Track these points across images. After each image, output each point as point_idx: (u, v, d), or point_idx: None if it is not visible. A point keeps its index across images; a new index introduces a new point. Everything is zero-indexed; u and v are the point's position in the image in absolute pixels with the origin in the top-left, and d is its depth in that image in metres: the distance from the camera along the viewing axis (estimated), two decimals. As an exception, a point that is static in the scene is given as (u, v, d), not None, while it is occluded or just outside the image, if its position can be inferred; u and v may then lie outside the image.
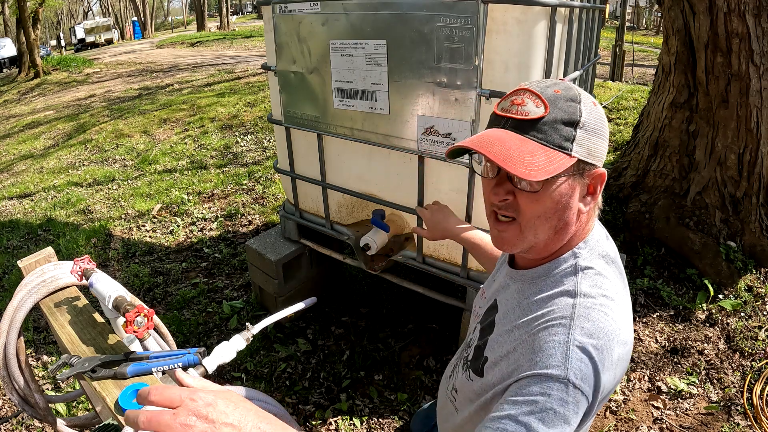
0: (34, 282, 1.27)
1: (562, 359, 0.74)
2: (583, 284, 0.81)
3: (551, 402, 0.72)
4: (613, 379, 0.80)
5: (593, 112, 0.77)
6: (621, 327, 0.80)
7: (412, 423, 1.51)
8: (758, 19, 2.70)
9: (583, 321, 0.77)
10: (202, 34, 23.93)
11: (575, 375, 0.73)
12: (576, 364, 0.74)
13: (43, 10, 16.21)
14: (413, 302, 2.79)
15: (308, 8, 1.92)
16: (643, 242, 3.14)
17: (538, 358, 0.76)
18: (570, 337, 0.75)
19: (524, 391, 0.74)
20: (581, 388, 0.73)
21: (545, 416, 0.71)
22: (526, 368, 0.76)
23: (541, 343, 0.77)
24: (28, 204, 5.05)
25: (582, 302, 0.79)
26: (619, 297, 0.83)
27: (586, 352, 0.75)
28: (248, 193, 4.52)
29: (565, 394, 0.72)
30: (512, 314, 0.86)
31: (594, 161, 0.78)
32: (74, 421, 1.60)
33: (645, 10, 21.19)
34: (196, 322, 2.81)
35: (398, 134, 1.87)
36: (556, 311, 0.79)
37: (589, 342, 0.75)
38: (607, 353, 0.76)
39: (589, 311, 0.78)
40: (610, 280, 0.83)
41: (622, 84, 6.75)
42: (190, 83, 9.78)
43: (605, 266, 0.84)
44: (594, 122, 0.77)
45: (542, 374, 0.74)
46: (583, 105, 0.76)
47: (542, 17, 1.55)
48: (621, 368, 0.82)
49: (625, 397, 2.20)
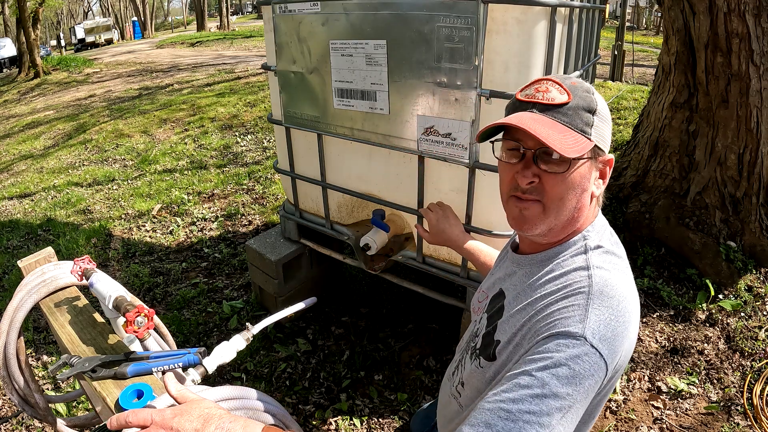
0: (34, 282, 1.27)
1: (580, 319, 0.75)
2: (595, 260, 0.83)
3: (566, 358, 0.71)
4: (628, 351, 0.81)
5: (604, 104, 0.85)
6: (633, 300, 0.83)
7: (412, 423, 1.51)
8: (758, 19, 2.70)
9: (602, 287, 0.79)
10: (202, 34, 23.93)
11: (593, 334, 0.73)
12: (594, 324, 0.74)
13: (43, 10, 16.21)
14: (413, 302, 2.79)
15: (308, 8, 1.92)
16: (643, 242, 3.14)
17: (556, 321, 0.76)
18: (589, 301, 0.77)
19: (540, 348, 0.74)
20: (599, 348, 0.72)
21: (559, 371, 0.71)
22: (544, 332, 0.76)
23: (560, 308, 0.78)
24: (28, 204, 5.05)
25: (597, 273, 0.81)
26: (628, 274, 0.87)
27: (605, 315, 0.75)
28: (248, 193, 4.52)
29: (582, 351, 0.72)
30: (523, 295, 0.87)
31: (604, 147, 0.85)
32: (74, 421, 1.60)
33: (645, 10, 21.18)
34: (196, 322, 2.81)
35: (398, 134, 1.87)
36: (574, 284, 0.80)
37: (608, 305, 0.77)
38: (625, 321, 0.78)
39: (607, 281, 0.80)
40: (619, 258, 0.87)
41: (622, 84, 6.75)
42: (190, 83, 9.78)
43: (613, 246, 0.88)
44: (605, 112, 0.85)
45: (560, 332, 0.74)
46: (596, 96, 0.84)
47: (542, 17, 1.55)
48: (632, 342, 0.83)
49: (625, 397, 2.20)
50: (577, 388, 0.70)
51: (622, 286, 0.81)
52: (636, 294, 0.86)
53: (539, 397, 0.69)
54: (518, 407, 0.69)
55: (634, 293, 0.84)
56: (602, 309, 0.76)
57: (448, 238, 1.31)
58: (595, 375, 0.72)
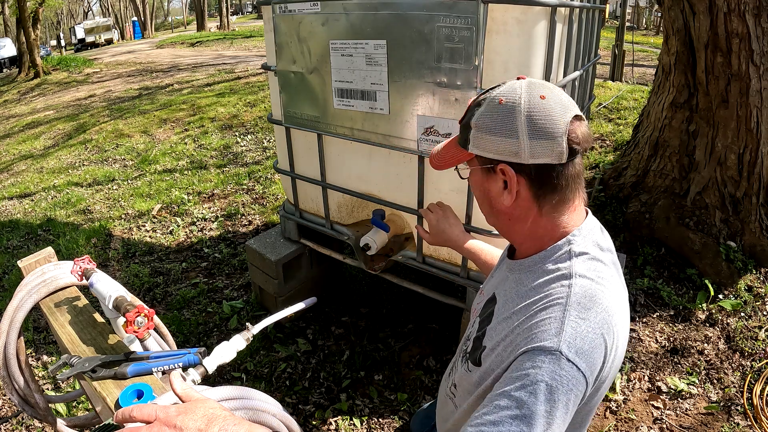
0: (34, 282, 1.27)
1: (556, 332, 0.74)
2: (578, 267, 0.82)
3: (542, 374, 0.71)
4: (614, 361, 0.80)
5: (493, 114, 0.82)
6: (618, 310, 0.81)
7: (412, 423, 1.51)
8: (758, 19, 2.70)
9: (580, 298, 0.78)
10: (202, 34, 23.93)
11: (568, 347, 0.72)
12: (570, 337, 0.73)
13: (43, 10, 16.21)
14: (413, 302, 2.79)
15: (308, 8, 1.92)
16: (643, 242, 3.14)
17: (533, 335, 0.76)
18: (566, 313, 0.76)
19: (519, 366, 0.74)
20: (575, 362, 0.72)
21: (536, 389, 0.71)
22: (522, 346, 0.76)
23: (537, 321, 0.78)
24: (28, 204, 5.05)
25: (578, 282, 0.80)
26: (614, 282, 0.84)
27: (582, 328, 0.75)
28: (248, 193, 4.52)
29: (558, 366, 0.72)
30: (510, 303, 0.87)
31: (496, 156, 0.83)
32: (74, 421, 1.60)
33: (645, 10, 21.18)
34: (196, 322, 2.81)
35: (398, 134, 1.87)
36: (553, 294, 0.80)
37: (585, 317, 0.76)
38: (606, 332, 0.77)
39: (586, 290, 0.79)
40: (605, 265, 0.85)
41: (622, 84, 6.75)
42: (190, 83, 9.78)
43: (600, 252, 0.86)
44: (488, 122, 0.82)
45: (535, 347, 0.74)
46: (483, 107, 0.83)
47: (542, 17, 1.55)
48: (620, 353, 0.82)
49: (625, 397, 2.20)
50: (556, 405, 0.70)
51: (603, 295, 0.79)
52: (622, 302, 0.84)
53: (519, 418, 0.70)
54: (498, 429, 0.70)
55: (619, 301, 0.83)
56: (579, 321, 0.75)
57: (448, 238, 1.31)
58: (574, 389, 0.72)
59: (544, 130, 0.78)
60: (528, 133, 0.79)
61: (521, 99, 0.80)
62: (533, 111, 0.79)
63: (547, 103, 0.79)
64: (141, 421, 0.67)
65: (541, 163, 0.80)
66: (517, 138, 0.79)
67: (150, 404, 0.69)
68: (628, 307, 0.89)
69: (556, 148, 0.79)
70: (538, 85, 0.82)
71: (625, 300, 0.88)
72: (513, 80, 0.85)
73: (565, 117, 0.79)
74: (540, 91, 0.80)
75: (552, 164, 0.80)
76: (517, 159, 0.81)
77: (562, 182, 0.82)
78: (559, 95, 0.81)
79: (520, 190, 0.84)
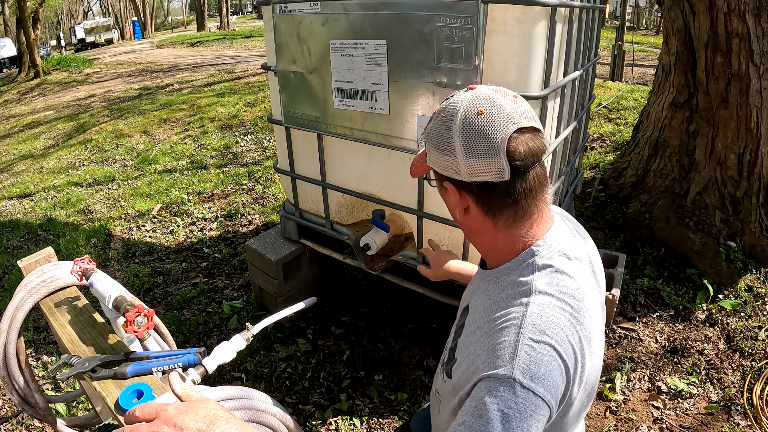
0: (34, 282, 1.27)
1: (509, 358, 0.73)
2: (539, 282, 0.80)
3: (498, 403, 0.70)
4: (582, 379, 0.78)
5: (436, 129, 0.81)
6: (583, 324, 0.79)
7: (412, 423, 1.51)
8: (758, 19, 2.70)
9: (536, 318, 0.76)
10: (202, 34, 23.93)
11: (523, 374, 0.71)
12: (524, 362, 0.72)
13: (43, 10, 16.21)
14: (413, 302, 2.79)
15: (308, 8, 1.92)
16: (643, 242, 3.14)
17: (490, 360, 0.75)
18: (519, 336, 0.74)
19: (477, 395, 0.73)
20: (532, 388, 0.71)
21: (492, 417, 0.70)
22: (481, 371, 0.75)
23: (494, 344, 0.76)
24: (28, 204, 5.05)
25: (536, 300, 0.78)
26: (580, 294, 0.81)
27: (536, 351, 0.73)
28: (248, 193, 4.52)
29: (513, 394, 0.70)
30: (477, 316, 0.86)
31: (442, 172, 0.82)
32: (74, 421, 1.60)
33: (645, 10, 21.17)
34: (196, 322, 2.81)
35: (398, 134, 1.87)
36: (510, 312, 0.78)
37: (540, 340, 0.74)
38: (565, 351, 0.74)
39: (544, 308, 0.77)
40: (570, 278, 0.82)
41: (622, 84, 6.75)
42: (190, 83, 9.78)
43: (566, 263, 0.83)
44: (433, 138, 0.82)
45: (491, 375, 0.73)
46: (432, 122, 0.83)
47: (542, 17, 1.55)
48: (591, 368, 0.80)
49: (625, 397, 2.20)
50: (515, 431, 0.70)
51: (561, 314, 0.77)
52: (590, 313, 0.81)
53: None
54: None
55: (585, 314, 0.80)
56: (533, 345, 0.73)
57: (448, 269, 1.32)
58: (534, 414, 0.70)
59: (478, 148, 0.75)
60: (464, 152, 0.76)
61: (458, 115, 0.77)
62: (468, 128, 0.76)
63: (483, 119, 0.75)
64: (142, 419, 0.67)
65: (481, 181, 0.77)
66: (455, 156, 0.77)
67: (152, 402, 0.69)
68: (600, 315, 0.86)
69: (495, 165, 0.75)
70: (482, 97, 0.78)
71: (597, 309, 0.85)
72: (461, 92, 0.82)
73: (505, 132, 0.74)
74: (480, 105, 0.76)
75: (494, 182, 0.77)
76: (458, 176, 0.79)
77: (510, 199, 0.78)
78: (502, 107, 0.76)
79: (469, 206, 0.82)
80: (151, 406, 0.68)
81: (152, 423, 0.66)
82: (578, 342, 0.77)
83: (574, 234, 0.91)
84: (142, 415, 0.67)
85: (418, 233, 2.06)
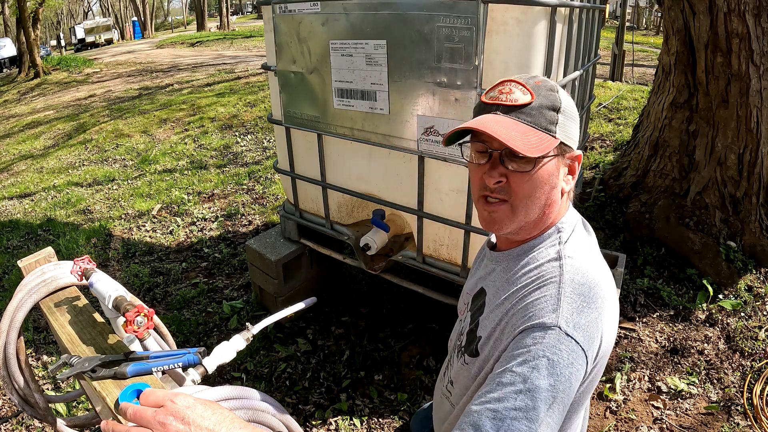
0: (34, 282, 1.26)
1: (552, 309, 0.76)
2: (568, 249, 0.85)
3: (543, 349, 0.72)
4: (609, 337, 0.82)
5: (569, 101, 0.85)
6: (609, 286, 0.84)
7: (412, 423, 1.51)
8: (758, 19, 2.70)
9: (573, 274, 0.80)
10: (202, 34, 23.93)
11: (566, 322, 0.74)
12: (567, 312, 0.75)
13: (43, 10, 16.21)
14: (413, 302, 2.79)
15: (308, 8, 1.92)
16: (643, 242, 3.14)
17: (530, 314, 0.77)
18: (561, 290, 0.78)
19: (518, 344, 0.75)
20: (574, 336, 0.73)
21: (538, 363, 0.71)
22: (520, 325, 0.77)
23: (533, 301, 0.79)
24: (28, 204, 5.05)
25: (569, 262, 0.82)
26: (600, 264, 0.88)
27: (577, 303, 0.77)
28: (248, 193, 4.52)
29: (558, 341, 0.73)
30: (501, 290, 0.88)
31: (571, 143, 0.85)
32: (74, 421, 1.60)
33: (645, 10, 21.18)
34: (196, 322, 2.81)
35: (398, 134, 1.87)
36: (546, 274, 0.82)
37: (580, 293, 0.78)
38: (599, 306, 0.79)
39: (578, 269, 0.81)
40: (590, 248, 0.89)
41: (622, 84, 6.75)
42: (190, 83, 9.78)
43: (587, 237, 0.91)
44: (570, 109, 0.84)
45: (534, 324, 0.75)
46: (561, 94, 0.84)
47: (542, 17, 1.55)
48: (612, 331, 0.84)
49: (625, 397, 2.20)
50: (559, 378, 0.71)
51: (594, 273, 0.82)
52: (610, 280, 0.87)
53: (523, 392, 0.70)
54: (504, 405, 0.70)
55: (608, 279, 0.86)
56: (574, 297, 0.77)
57: None
58: (574, 363, 0.73)
59: (575, 116, 0.86)
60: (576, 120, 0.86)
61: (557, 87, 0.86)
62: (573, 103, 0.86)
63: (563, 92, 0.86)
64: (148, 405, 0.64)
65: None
66: (577, 124, 0.87)
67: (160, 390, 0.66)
68: (614, 286, 0.91)
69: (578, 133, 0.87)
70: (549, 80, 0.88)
71: (612, 279, 0.90)
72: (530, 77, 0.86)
73: None
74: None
75: None
76: (575, 144, 0.86)
77: None
78: None
79: None
80: (159, 393, 0.65)
81: (158, 411, 0.62)
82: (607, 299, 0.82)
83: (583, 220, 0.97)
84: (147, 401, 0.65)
85: (418, 233, 2.06)
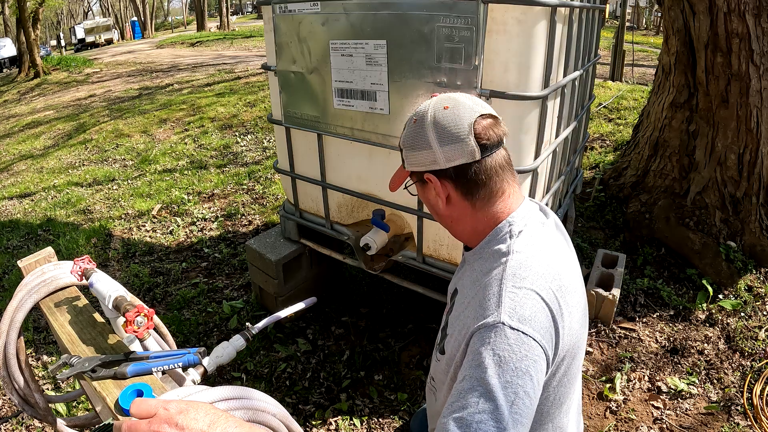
0: (34, 282, 1.26)
1: (495, 306, 0.78)
2: (516, 244, 0.87)
3: (492, 348, 0.74)
4: (569, 326, 0.83)
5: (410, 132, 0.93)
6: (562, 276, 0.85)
7: (412, 423, 1.51)
8: (758, 19, 2.70)
9: (515, 269, 0.82)
10: (202, 34, 23.92)
11: (510, 316, 0.76)
12: (508, 307, 0.77)
13: (43, 10, 16.21)
14: (413, 302, 2.79)
15: (308, 8, 1.92)
16: (643, 242, 3.14)
17: (477, 314, 0.80)
18: (502, 286, 0.80)
19: (472, 349, 0.78)
20: (520, 329, 0.75)
21: (489, 363, 0.73)
22: (471, 326, 0.80)
23: (479, 301, 0.82)
24: (28, 204, 5.05)
25: (515, 257, 0.85)
26: (556, 249, 0.90)
27: (519, 296, 0.78)
28: (248, 193, 4.52)
29: (504, 337, 0.74)
30: (467, 290, 0.92)
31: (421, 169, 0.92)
32: (74, 421, 1.60)
33: (645, 10, 21.17)
34: (196, 322, 2.81)
35: (398, 134, 1.86)
36: (493, 273, 0.85)
37: (522, 286, 0.80)
38: (546, 296, 0.80)
39: (521, 261, 0.84)
40: (544, 236, 0.91)
41: (622, 84, 6.75)
42: (189, 83, 9.78)
43: (539, 227, 0.92)
44: (408, 140, 0.93)
45: (480, 326, 0.78)
46: (405, 129, 0.95)
47: (542, 17, 1.55)
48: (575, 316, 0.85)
49: (625, 397, 2.20)
50: (516, 373, 0.72)
51: (540, 262, 0.84)
52: (568, 270, 0.89)
53: (482, 395, 0.71)
54: (468, 411, 0.71)
55: (564, 269, 0.87)
56: (516, 291, 0.79)
57: None
58: (529, 355, 0.74)
59: (451, 135, 0.87)
60: (438, 141, 0.88)
61: (428, 114, 0.90)
62: (438, 121, 0.88)
63: (450, 112, 0.88)
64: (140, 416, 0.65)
65: (457, 164, 0.88)
66: (431, 148, 0.89)
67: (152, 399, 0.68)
68: (578, 271, 0.93)
69: (467, 148, 0.87)
70: (444, 98, 0.91)
71: (573, 264, 0.93)
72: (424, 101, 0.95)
73: (470, 118, 0.87)
74: (444, 102, 0.90)
75: (468, 163, 0.88)
76: (437, 166, 0.90)
77: (484, 176, 0.89)
78: (464, 101, 0.89)
79: (449, 193, 0.92)
80: (150, 402, 0.66)
81: (151, 420, 0.63)
82: (558, 289, 0.83)
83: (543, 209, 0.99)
84: (138, 412, 0.65)
85: (418, 233, 2.06)
